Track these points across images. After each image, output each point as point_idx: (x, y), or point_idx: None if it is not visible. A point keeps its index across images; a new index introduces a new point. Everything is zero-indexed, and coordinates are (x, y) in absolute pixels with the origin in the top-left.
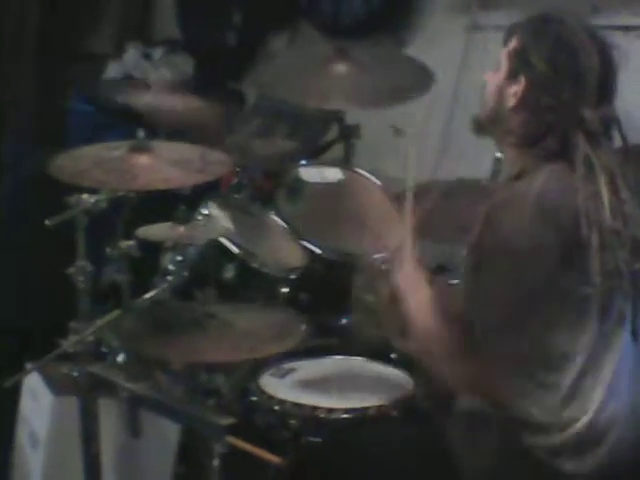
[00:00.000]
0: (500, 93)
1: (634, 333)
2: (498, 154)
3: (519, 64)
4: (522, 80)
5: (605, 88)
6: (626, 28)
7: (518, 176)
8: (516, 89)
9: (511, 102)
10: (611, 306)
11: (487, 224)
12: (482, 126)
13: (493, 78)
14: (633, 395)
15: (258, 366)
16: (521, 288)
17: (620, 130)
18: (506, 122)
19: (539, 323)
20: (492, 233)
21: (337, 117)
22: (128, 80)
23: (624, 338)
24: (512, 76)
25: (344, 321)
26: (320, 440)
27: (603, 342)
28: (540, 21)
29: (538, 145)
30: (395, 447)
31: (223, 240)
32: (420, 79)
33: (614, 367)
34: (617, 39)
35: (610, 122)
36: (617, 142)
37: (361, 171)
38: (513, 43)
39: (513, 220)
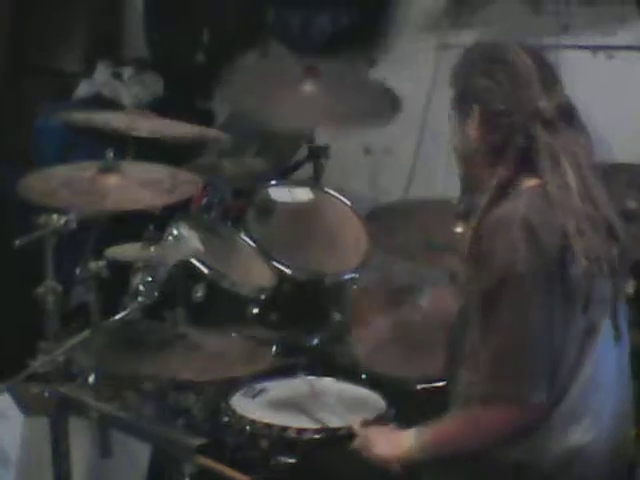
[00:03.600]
0: (463, 135)
1: (615, 330)
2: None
3: (465, 100)
4: (473, 108)
5: (549, 80)
6: (595, 48)
7: (500, 196)
8: (473, 120)
9: (473, 135)
10: (594, 298)
11: (479, 255)
12: (469, 182)
13: (453, 135)
14: (614, 413)
15: (229, 386)
16: (527, 315)
17: (578, 117)
18: (476, 154)
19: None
20: (485, 264)
21: (306, 137)
22: (98, 99)
23: (604, 340)
24: (465, 113)
25: (314, 341)
26: (290, 460)
27: (587, 338)
28: (465, 52)
29: (507, 153)
30: (365, 468)
31: (193, 260)
32: (387, 106)
33: (592, 369)
34: (585, 59)
35: (567, 108)
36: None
37: (331, 191)
38: (451, 93)
39: (505, 247)
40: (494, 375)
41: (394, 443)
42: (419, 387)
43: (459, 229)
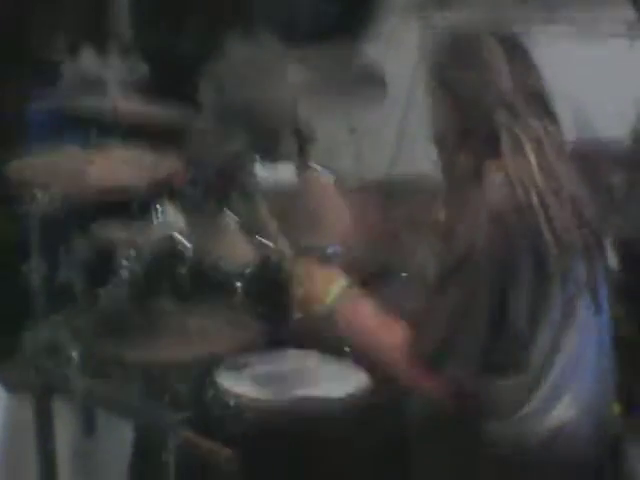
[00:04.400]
0: (435, 126)
1: (595, 305)
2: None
3: (436, 86)
4: (444, 95)
5: (518, 68)
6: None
7: (470, 180)
8: (442, 106)
9: (442, 120)
10: (570, 273)
11: (445, 238)
12: (450, 172)
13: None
14: (596, 389)
15: (213, 360)
16: (477, 298)
17: (545, 103)
18: (444, 138)
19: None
20: (448, 247)
21: (291, 117)
22: (83, 83)
23: (584, 313)
24: (437, 100)
25: (298, 316)
26: (275, 434)
27: (565, 315)
28: (439, 43)
29: (473, 135)
30: (349, 440)
31: (177, 237)
32: (373, 89)
33: (573, 345)
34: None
35: (535, 96)
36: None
37: (315, 167)
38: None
39: (468, 233)
40: (423, 330)
41: (326, 279)
42: None
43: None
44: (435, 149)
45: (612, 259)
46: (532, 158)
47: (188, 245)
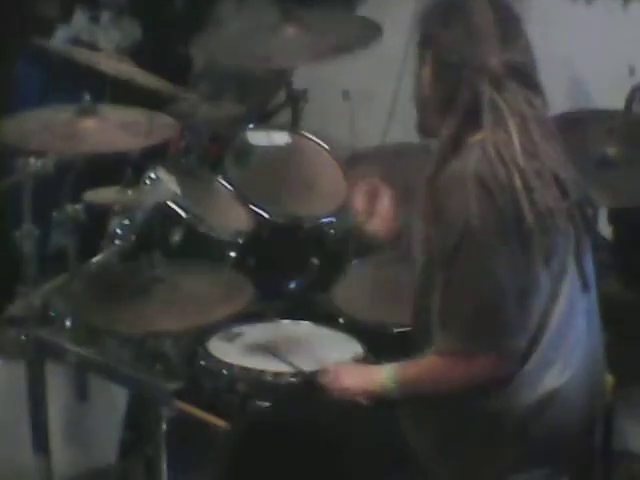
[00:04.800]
0: (419, 83)
1: (583, 284)
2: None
3: (422, 45)
4: (428, 56)
5: (507, 36)
6: None
7: (452, 152)
8: (426, 66)
9: (426, 82)
10: (554, 251)
11: (436, 218)
12: (425, 127)
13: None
14: (587, 355)
15: (206, 330)
16: (487, 270)
17: (531, 74)
18: (429, 103)
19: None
20: (442, 227)
21: (285, 81)
22: (76, 44)
23: (570, 290)
24: (422, 61)
25: (292, 285)
26: (268, 404)
27: (549, 295)
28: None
29: (456, 106)
30: (343, 410)
31: (170, 204)
32: (366, 32)
33: (560, 319)
34: (565, 6)
35: (519, 66)
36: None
37: (309, 135)
38: (416, 38)
39: (459, 207)
40: (470, 330)
41: (366, 376)
42: (396, 331)
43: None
44: (417, 112)
45: (605, 229)
46: (515, 136)
47: (181, 212)
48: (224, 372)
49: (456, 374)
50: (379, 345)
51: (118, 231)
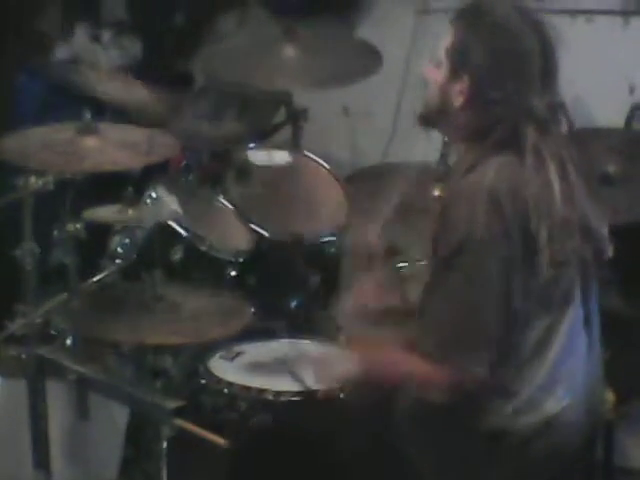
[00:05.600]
0: (445, 92)
1: (586, 318)
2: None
3: (459, 62)
4: (465, 78)
5: (549, 72)
6: (574, 12)
7: (470, 169)
8: (461, 87)
9: (457, 101)
10: (557, 290)
11: (442, 222)
12: (429, 121)
13: (435, 75)
14: (586, 380)
15: (207, 348)
16: (480, 282)
17: (566, 115)
18: (454, 119)
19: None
20: (447, 230)
21: (285, 100)
22: (77, 62)
23: (572, 321)
24: (454, 75)
25: (292, 304)
26: (268, 422)
27: (550, 325)
28: (473, 12)
29: (488, 138)
30: (343, 429)
31: (171, 223)
32: (367, 61)
33: (559, 350)
34: (564, 24)
35: (557, 107)
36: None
37: (309, 154)
38: (449, 39)
39: (466, 214)
40: (439, 338)
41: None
42: None
43: (437, 192)
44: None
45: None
46: (554, 177)
47: (182, 231)
48: (225, 390)
49: (420, 373)
50: None
51: (119, 250)
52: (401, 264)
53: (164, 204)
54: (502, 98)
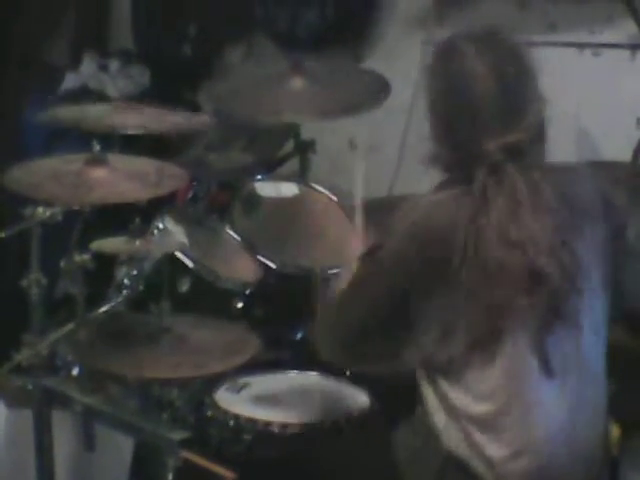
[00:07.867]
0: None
1: (544, 366)
2: None
3: (426, 104)
4: (428, 114)
5: (510, 110)
6: (581, 45)
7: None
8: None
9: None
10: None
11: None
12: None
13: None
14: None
15: (213, 380)
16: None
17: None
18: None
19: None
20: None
21: (293, 131)
22: (84, 92)
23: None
24: (426, 114)
25: (299, 336)
26: (274, 455)
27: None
28: (436, 56)
29: (450, 175)
30: (349, 463)
31: (178, 254)
32: (375, 90)
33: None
34: (572, 57)
35: (521, 145)
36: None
37: (317, 186)
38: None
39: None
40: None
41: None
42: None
43: None
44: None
45: None
46: (494, 226)
47: (189, 262)
48: (231, 422)
49: None
50: (386, 397)
51: (126, 280)
52: None
53: (171, 235)
54: (456, 143)
